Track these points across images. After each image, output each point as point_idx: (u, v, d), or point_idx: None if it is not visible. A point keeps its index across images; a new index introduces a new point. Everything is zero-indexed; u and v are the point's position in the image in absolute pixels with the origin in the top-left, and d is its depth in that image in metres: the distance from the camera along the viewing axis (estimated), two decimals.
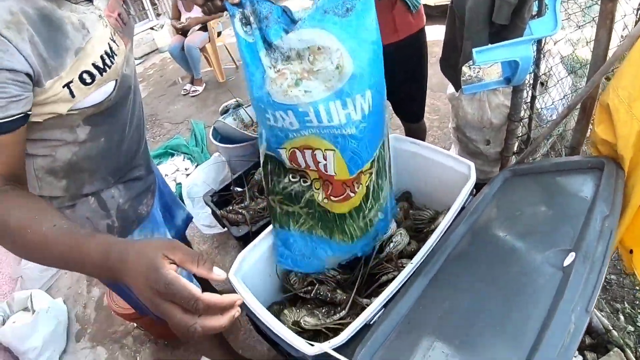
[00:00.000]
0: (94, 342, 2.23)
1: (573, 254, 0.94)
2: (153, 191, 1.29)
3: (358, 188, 1.23)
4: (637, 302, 1.75)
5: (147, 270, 0.56)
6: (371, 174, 1.24)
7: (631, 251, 1.25)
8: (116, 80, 0.96)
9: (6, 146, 0.77)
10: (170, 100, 4.65)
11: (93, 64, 0.88)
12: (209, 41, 4.47)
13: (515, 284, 1.01)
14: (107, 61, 0.91)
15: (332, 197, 1.24)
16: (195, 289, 0.56)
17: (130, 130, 1.11)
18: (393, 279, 1.20)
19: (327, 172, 1.18)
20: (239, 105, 2.69)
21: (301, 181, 1.28)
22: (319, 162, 1.17)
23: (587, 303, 0.86)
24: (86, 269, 0.66)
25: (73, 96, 0.86)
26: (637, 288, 1.78)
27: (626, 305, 1.74)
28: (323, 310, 1.37)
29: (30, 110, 0.79)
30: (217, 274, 0.61)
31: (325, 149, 1.13)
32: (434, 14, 4.11)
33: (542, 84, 2.04)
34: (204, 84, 4.70)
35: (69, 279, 2.67)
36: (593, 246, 0.94)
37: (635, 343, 1.59)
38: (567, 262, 0.94)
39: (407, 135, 2.19)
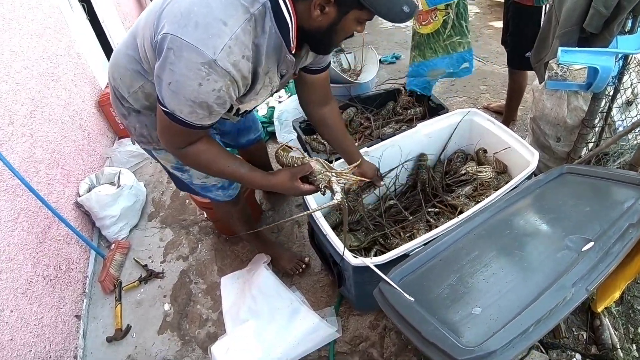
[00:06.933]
0: (164, 224, 2.44)
1: (592, 243, 1.09)
2: None
3: (435, 18, 2.05)
4: None
5: (292, 173, 1.28)
6: (448, 13, 2.01)
7: None
8: None
9: None
10: None
11: None
12: None
13: (536, 252, 1.19)
14: None
15: (422, 23, 2.12)
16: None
17: None
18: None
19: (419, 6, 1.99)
20: (340, 50, 2.89)
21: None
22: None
23: (589, 283, 1.02)
24: (262, 186, 1.32)
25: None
26: None
27: None
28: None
29: None
30: None
31: None
32: None
33: (628, 102, 2.06)
34: None
35: (152, 168, 2.88)
36: (611, 242, 1.09)
37: None
38: (585, 248, 1.10)
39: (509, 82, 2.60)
